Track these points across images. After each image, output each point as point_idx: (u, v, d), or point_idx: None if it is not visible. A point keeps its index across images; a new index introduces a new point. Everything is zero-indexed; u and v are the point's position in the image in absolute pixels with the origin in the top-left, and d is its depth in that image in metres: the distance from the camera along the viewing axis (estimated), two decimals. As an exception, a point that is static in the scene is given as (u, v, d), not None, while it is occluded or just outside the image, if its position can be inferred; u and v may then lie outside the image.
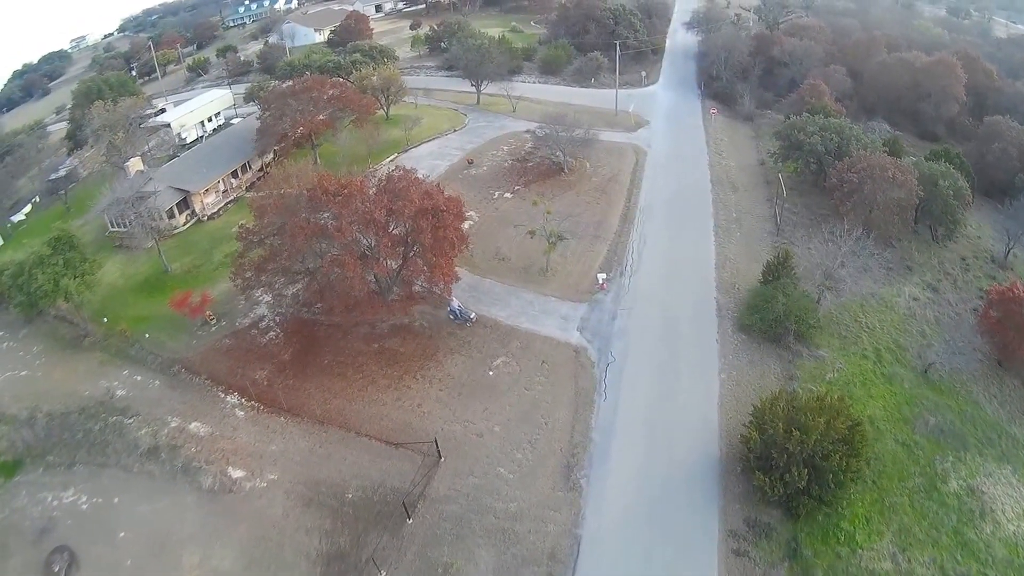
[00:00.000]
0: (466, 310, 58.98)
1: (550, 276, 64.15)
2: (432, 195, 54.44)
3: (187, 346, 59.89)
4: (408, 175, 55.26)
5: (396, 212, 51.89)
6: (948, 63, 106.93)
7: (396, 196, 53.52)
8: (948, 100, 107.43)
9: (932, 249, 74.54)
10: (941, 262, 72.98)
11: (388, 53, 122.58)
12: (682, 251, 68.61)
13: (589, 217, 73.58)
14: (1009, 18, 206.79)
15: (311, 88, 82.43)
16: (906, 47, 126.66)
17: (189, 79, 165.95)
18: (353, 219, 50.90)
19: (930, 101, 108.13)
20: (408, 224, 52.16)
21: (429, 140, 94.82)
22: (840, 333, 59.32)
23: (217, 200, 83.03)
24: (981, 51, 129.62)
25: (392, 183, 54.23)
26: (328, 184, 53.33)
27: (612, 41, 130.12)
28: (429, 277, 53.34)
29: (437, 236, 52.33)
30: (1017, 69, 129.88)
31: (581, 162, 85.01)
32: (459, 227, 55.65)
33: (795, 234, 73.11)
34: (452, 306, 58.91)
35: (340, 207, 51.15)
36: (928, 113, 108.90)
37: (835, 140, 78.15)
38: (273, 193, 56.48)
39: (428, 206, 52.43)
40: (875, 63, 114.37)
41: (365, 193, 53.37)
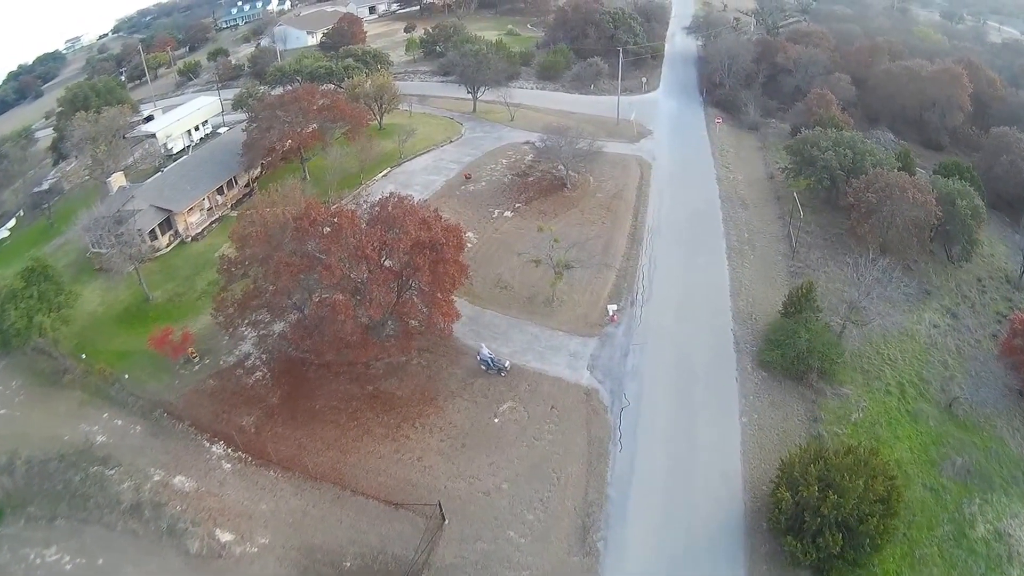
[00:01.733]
0: (499, 358, 52.75)
1: (556, 307, 58.87)
2: (429, 224, 49.09)
3: (169, 387, 54.56)
4: (403, 202, 49.71)
5: (390, 245, 46.60)
6: (954, 72, 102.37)
7: (390, 226, 48.25)
8: (953, 109, 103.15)
9: (948, 270, 70.30)
10: (958, 284, 68.92)
11: (382, 58, 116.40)
12: (695, 276, 63.56)
13: (595, 239, 68.22)
14: (1001, 22, 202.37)
15: (300, 98, 76.59)
16: (908, 54, 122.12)
17: (179, 83, 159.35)
18: (343, 255, 45.56)
19: (935, 110, 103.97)
20: (403, 258, 46.89)
21: (424, 152, 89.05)
22: (863, 367, 55.00)
23: (202, 219, 77.27)
24: (982, 58, 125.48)
25: (385, 211, 48.76)
26: (316, 213, 47.98)
27: (611, 46, 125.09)
28: (427, 317, 48.11)
29: (436, 272, 47.05)
30: (1018, 77, 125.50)
31: (584, 176, 79.78)
32: (459, 260, 50.36)
33: (810, 256, 68.33)
34: (483, 354, 52.62)
35: (329, 241, 45.76)
36: (933, 123, 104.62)
37: (849, 156, 73.45)
38: (256, 221, 50.93)
39: (425, 239, 47.07)
40: (879, 71, 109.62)
41: (356, 224, 47.98)
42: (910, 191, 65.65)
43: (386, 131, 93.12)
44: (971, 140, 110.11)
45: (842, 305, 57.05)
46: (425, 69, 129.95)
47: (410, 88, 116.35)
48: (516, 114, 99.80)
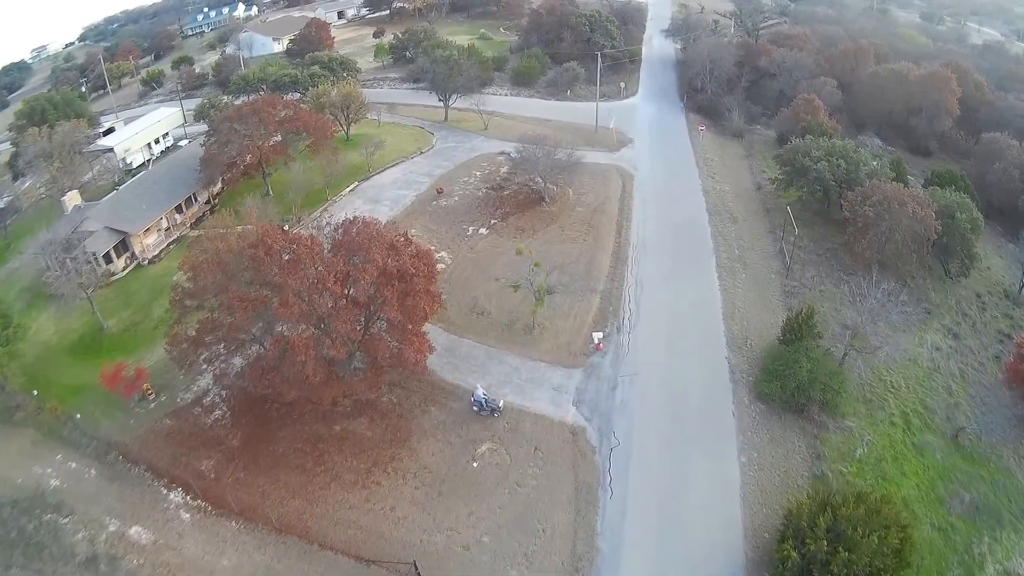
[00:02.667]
0: (493, 399, 49.05)
1: (537, 335, 54.95)
2: (398, 250, 45.09)
3: (124, 427, 50.32)
4: (369, 226, 45.49)
5: (354, 275, 42.67)
6: (943, 76, 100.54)
7: (354, 252, 44.32)
8: (941, 114, 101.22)
9: (946, 286, 67.71)
10: (957, 301, 66.41)
11: (349, 65, 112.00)
12: (685, 298, 60.01)
13: (577, 258, 64.48)
14: (981, 23, 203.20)
15: (260, 110, 72.13)
16: (893, 57, 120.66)
17: (142, 93, 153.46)
18: (302, 287, 41.54)
19: (923, 115, 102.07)
20: (369, 290, 42.95)
21: (393, 165, 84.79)
22: (865, 396, 52.11)
23: (159, 240, 72.43)
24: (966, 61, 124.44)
25: (349, 237, 44.73)
26: (273, 241, 43.86)
27: (588, 50, 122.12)
28: (398, 352, 44.21)
29: (405, 304, 43.15)
30: (1004, 80, 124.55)
31: (563, 189, 76.22)
32: (431, 289, 46.49)
33: (805, 273, 65.40)
34: (476, 395, 48.29)
35: (286, 273, 41.70)
36: (921, 128, 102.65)
37: (842, 166, 70.86)
38: (208, 249, 46.67)
39: (393, 268, 43.14)
40: (866, 75, 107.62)
41: (316, 253, 43.96)
42: (910, 205, 63.09)
43: (353, 142, 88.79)
44: (958, 145, 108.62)
45: (844, 331, 54.03)
46: (394, 76, 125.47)
47: (379, 96, 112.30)
48: (490, 122, 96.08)
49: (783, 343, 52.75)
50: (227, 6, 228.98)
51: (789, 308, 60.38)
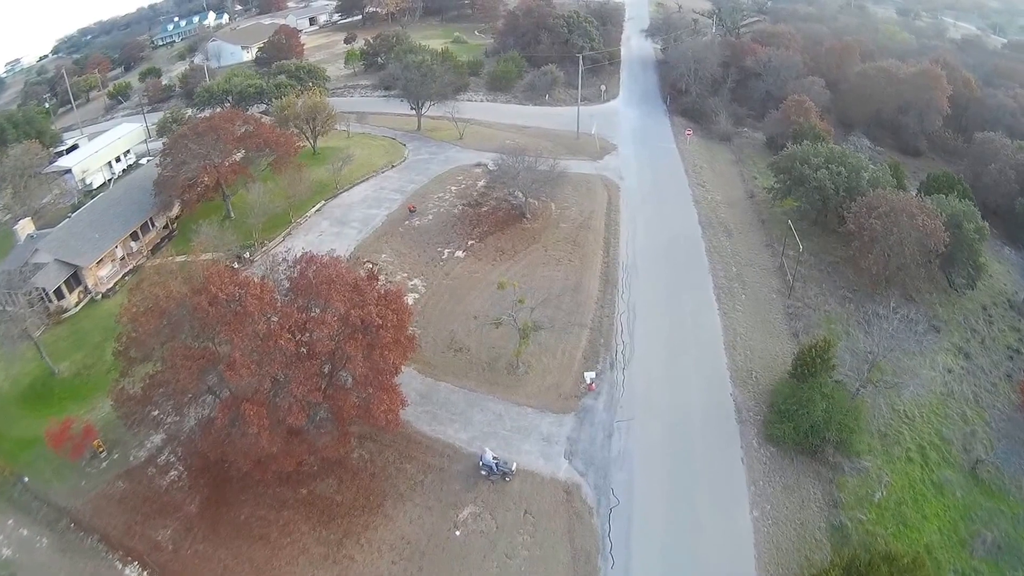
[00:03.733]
0: (504, 461, 42.11)
1: (522, 375, 48.55)
2: (362, 293, 38.69)
3: (76, 489, 44.17)
4: (327, 267, 38.80)
5: (313, 328, 36.39)
6: (933, 74, 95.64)
7: (312, 298, 38.01)
8: (932, 113, 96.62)
9: (951, 299, 63.10)
10: (965, 316, 61.91)
11: (317, 73, 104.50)
12: (682, 326, 53.98)
13: (563, 282, 58.19)
14: (956, 18, 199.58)
15: (217, 127, 65.18)
16: (879, 55, 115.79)
17: (109, 107, 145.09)
18: (252, 345, 35.22)
19: (912, 114, 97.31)
20: (329, 345, 36.59)
21: (363, 181, 77.78)
22: (879, 429, 47.44)
23: (114, 271, 65.09)
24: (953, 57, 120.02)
25: (305, 279, 38.35)
26: (218, 288, 37.37)
27: (566, 51, 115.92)
28: (365, 414, 37.96)
29: (372, 359, 37.03)
30: (990, 76, 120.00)
31: (545, 204, 69.93)
32: (402, 338, 40.15)
33: (807, 291, 59.88)
34: (484, 459, 41.89)
35: (232, 329, 35.28)
36: (911, 127, 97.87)
37: (843, 174, 65.45)
38: (148, 298, 39.96)
39: (357, 319, 36.85)
40: (854, 73, 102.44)
41: (268, 301, 37.55)
42: (919, 216, 57.90)
43: (321, 156, 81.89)
44: (948, 144, 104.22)
45: (855, 358, 48.51)
46: (366, 83, 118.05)
47: (349, 105, 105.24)
48: (465, 131, 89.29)
49: (794, 378, 47.20)
50: (197, 15, 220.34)
51: (795, 332, 55.25)
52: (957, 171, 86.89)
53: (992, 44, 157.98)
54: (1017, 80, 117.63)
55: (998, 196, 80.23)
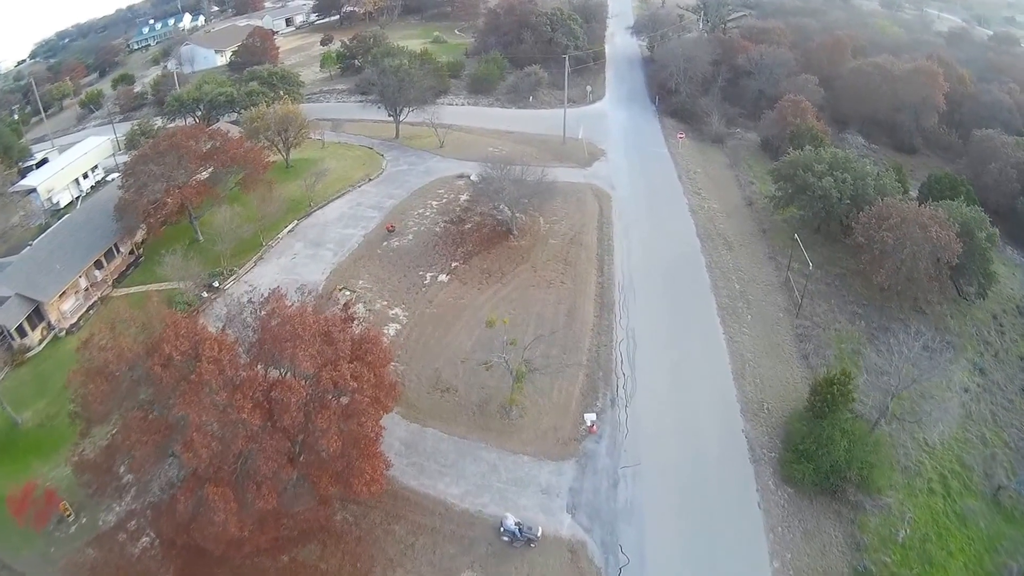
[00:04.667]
0: (529, 527, 37.06)
1: (516, 418, 43.48)
2: (334, 342, 33.92)
3: (43, 557, 39.08)
4: (291, 319, 33.48)
5: (278, 398, 31.38)
6: (929, 71, 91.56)
7: (277, 355, 33.03)
8: (928, 110, 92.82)
9: (962, 308, 59.27)
10: (976, 326, 58.26)
11: (291, 79, 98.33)
12: (686, 353, 49.25)
13: (556, 307, 53.16)
14: (940, 10, 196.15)
15: (179, 145, 59.61)
16: (871, 50, 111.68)
17: (81, 116, 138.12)
18: (212, 418, 30.25)
19: (908, 111, 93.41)
20: (297, 416, 31.53)
21: (338, 196, 71.69)
22: (899, 460, 43.68)
23: (77, 304, 59.22)
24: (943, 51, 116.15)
25: (269, 334, 33.29)
26: (172, 347, 32.30)
27: (549, 50, 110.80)
28: (345, 487, 33.02)
29: (350, 428, 32.13)
30: (983, 71, 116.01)
31: (533, 217, 65.04)
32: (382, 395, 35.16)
33: (815, 309, 55.55)
34: (506, 525, 37.09)
35: (187, 402, 30.25)
36: (906, 125, 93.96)
37: (849, 182, 61.21)
38: (96, 360, 34.72)
39: (329, 381, 31.91)
40: (848, 70, 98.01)
41: (231, 360, 32.51)
42: (932, 228, 53.77)
43: (295, 169, 76.19)
44: (944, 141, 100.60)
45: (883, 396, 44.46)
46: (342, 87, 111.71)
47: (325, 111, 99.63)
48: (446, 138, 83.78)
49: (812, 412, 42.92)
50: (173, 17, 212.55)
51: (805, 355, 51.06)
52: (957, 170, 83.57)
53: (978, 36, 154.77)
54: (1010, 75, 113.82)
55: (999, 195, 76.55)
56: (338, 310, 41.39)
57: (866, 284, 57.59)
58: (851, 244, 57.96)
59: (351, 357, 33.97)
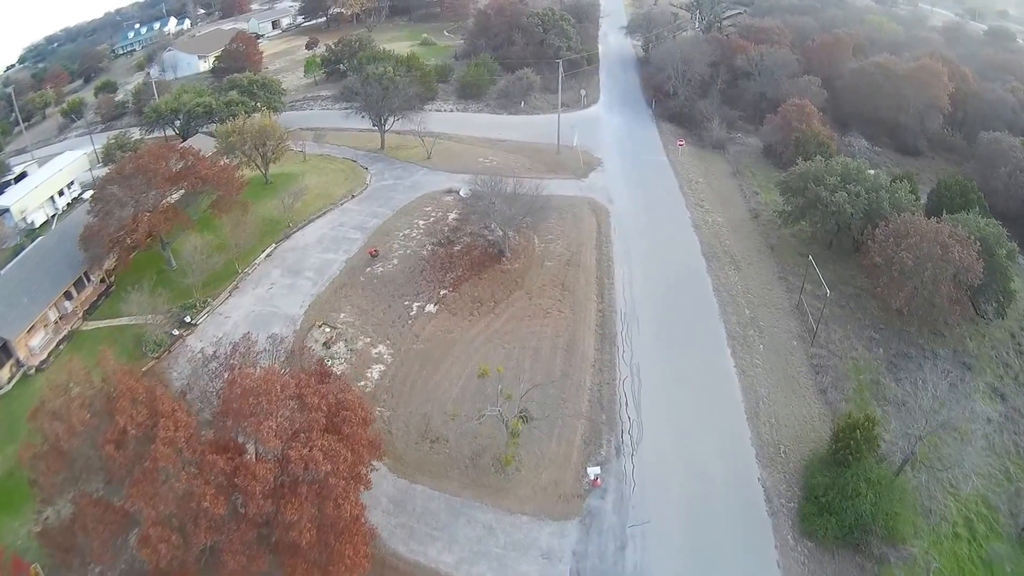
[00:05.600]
0: None
1: (513, 473, 38.98)
2: (308, 408, 29.50)
3: None
4: (259, 387, 28.96)
5: (241, 484, 26.83)
6: (933, 70, 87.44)
7: (239, 426, 28.53)
8: (932, 111, 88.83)
9: (979, 327, 55.07)
10: (994, 347, 54.14)
11: (272, 87, 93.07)
12: (695, 391, 44.73)
13: (552, 339, 48.50)
14: (933, 4, 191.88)
15: (145, 167, 54.68)
16: (870, 48, 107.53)
17: (63, 126, 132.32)
18: (169, 508, 25.74)
19: (912, 112, 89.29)
20: (266, 505, 26.99)
21: (320, 215, 66.27)
22: (922, 503, 39.92)
23: (47, 339, 54.32)
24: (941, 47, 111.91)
25: (231, 407, 28.68)
26: (128, 420, 27.79)
27: (541, 52, 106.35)
28: (322, 574, 28.53)
29: (326, 511, 27.66)
30: (983, 68, 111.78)
31: (526, 237, 60.56)
32: (362, 470, 30.41)
33: (831, 335, 51.19)
34: None
35: (140, 492, 25.64)
36: (910, 126, 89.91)
37: (863, 195, 56.87)
38: (47, 433, 30.06)
39: (300, 462, 27.37)
40: (850, 70, 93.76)
41: (190, 437, 27.93)
42: (954, 248, 49.57)
43: (274, 185, 71.41)
44: (947, 142, 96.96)
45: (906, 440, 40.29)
46: (326, 94, 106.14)
47: (308, 119, 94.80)
48: (434, 149, 78.73)
49: (834, 459, 38.78)
50: (158, 21, 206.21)
51: (822, 388, 46.81)
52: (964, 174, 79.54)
53: (973, 32, 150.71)
54: (1012, 72, 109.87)
55: (1008, 200, 72.73)
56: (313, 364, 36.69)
57: (882, 306, 53.55)
58: (866, 264, 53.63)
59: (326, 426, 29.41)
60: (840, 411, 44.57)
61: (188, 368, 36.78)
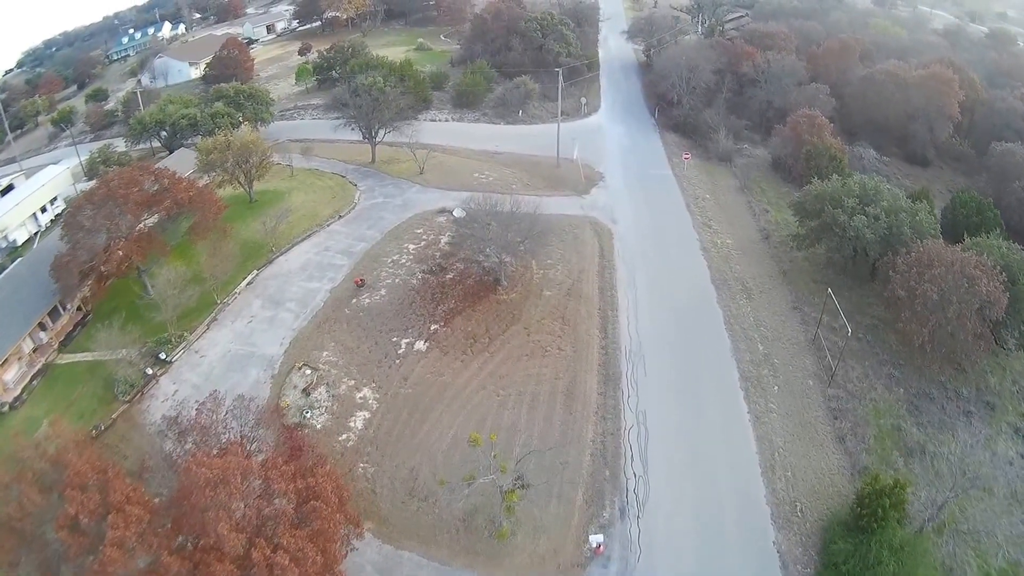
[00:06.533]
0: None
1: (508, 540, 35.03)
2: (271, 495, 25.46)
3: None
4: (217, 478, 24.74)
5: None
6: (944, 77, 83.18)
7: (198, 523, 24.47)
8: (942, 120, 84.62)
9: (1000, 361, 50.92)
10: (1015, 381, 50.16)
11: (260, 97, 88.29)
12: (706, 442, 40.64)
13: (552, 382, 44.28)
14: (932, 6, 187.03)
15: (115, 194, 50.26)
16: (877, 54, 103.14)
17: (53, 135, 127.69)
18: None
19: (922, 121, 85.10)
20: None
21: (305, 238, 61.59)
22: (944, 561, 35.76)
23: (20, 374, 50.34)
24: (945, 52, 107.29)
25: (186, 498, 24.55)
26: (80, 503, 23.89)
27: (540, 58, 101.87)
28: None
29: None
30: (991, 74, 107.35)
31: (524, 262, 55.73)
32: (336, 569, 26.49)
33: (848, 373, 47.02)
34: None
35: None
36: (919, 135, 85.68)
37: (883, 220, 52.57)
38: None
39: (264, 568, 23.22)
40: (859, 78, 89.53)
41: (135, 543, 23.93)
42: (983, 283, 45.46)
43: (259, 203, 67.06)
44: (955, 151, 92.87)
45: (933, 507, 36.36)
46: (318, 102, 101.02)
47: (298, 129, 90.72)
48: (427, 162, 74.30)
49: (856, 525, 34.83)
50: (153, 26, 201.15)
51: (840, 436, 42.88)
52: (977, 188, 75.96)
53: (974, 34, 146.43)
54: (1018, 78, 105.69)
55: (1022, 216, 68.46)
56: (284, 437, 32.53)
57: (901, 338, 49.29)
58: (887, 296, 49.47)
59: (295, 517, 25.36)
60: (860, 463, 41.12)
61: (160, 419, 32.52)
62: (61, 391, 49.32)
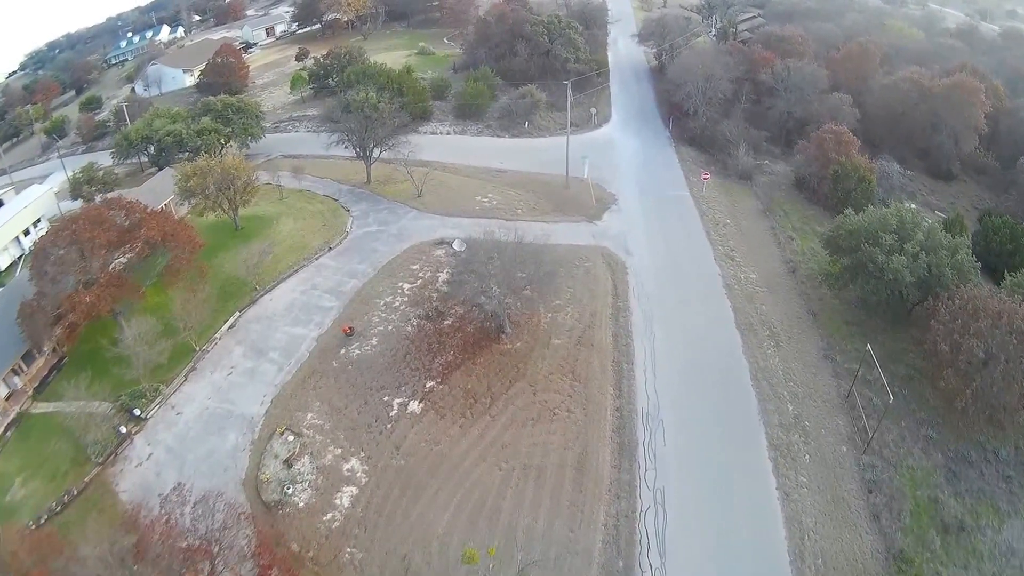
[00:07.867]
0: None
1: None
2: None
3: None
4: None
5: None
6: (970, 87, 77.65)
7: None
8: (968, 132, 79.25)
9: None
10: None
11: (249, 112, 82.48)
12: (731, 527, 35.77)
13: (560, 452, 39.37)
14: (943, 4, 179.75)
15: (79, 237, 45.10)
16: (897, 59, 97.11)
17: (46, 145, 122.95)
18: None
19: (947, 133, 79.70)
20: None
21: (291, 273, 56.48)
22: None
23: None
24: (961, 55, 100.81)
25: None
26: None
27: (547, 64, 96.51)
28: None
29: None
30: (1013, 80, 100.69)
31: (530, 305, 49.71)
32: None
33: (884, 436, 41.87)
34: None
35: None
36: (944, 148, 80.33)
37: (923, 259, 47.31)
38: None
39: None
40: (881, 86, 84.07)
41: None
42: (1032, 334, 40.35)
43: (245, 231, 62.17)
44: (978, 163, 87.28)
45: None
46: (313, 113, 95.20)
47: (291, 142, 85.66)
48: (426, 182, 68.90)
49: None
50: (151, 29, 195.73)
51: (875, 514, 37.90)
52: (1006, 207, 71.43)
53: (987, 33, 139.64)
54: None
55: (1055, 237, 63.61)
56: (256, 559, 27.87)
57: (941, 395, 44.17)
58: (927, 348, 44.40)
59: None
60: (895, 545, 36.36)
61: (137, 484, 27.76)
62: (34, 446, 45.38)
